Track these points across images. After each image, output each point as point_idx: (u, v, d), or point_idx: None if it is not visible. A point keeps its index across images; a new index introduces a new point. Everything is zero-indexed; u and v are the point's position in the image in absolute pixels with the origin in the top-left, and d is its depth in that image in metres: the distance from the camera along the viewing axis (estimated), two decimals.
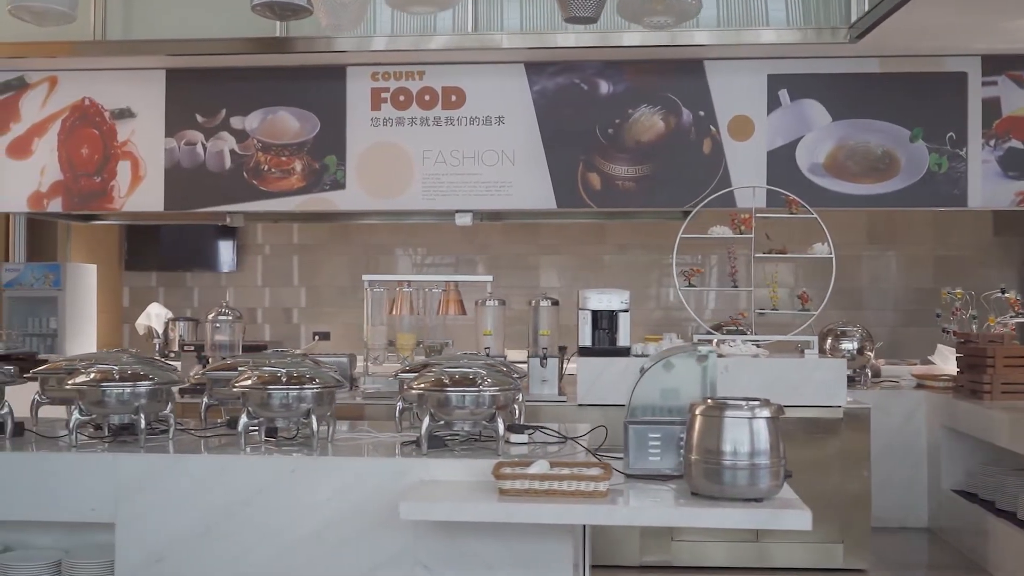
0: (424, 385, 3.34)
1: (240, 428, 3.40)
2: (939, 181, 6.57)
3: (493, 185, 6.75)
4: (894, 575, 5.49)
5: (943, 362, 6.90)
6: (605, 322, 5.48)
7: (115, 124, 6.94)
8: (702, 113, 6.66)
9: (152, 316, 8.12)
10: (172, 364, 4.77)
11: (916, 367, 7.05)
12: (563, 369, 5.65)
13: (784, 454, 2.84)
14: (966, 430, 5.82)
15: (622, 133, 6.71)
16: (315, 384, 3.40)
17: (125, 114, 6.93)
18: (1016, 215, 7.35)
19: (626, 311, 5.48)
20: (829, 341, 6.80)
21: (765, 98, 6.63)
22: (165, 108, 6.91)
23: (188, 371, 5.23)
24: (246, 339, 5.53)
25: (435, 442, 3.34)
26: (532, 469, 2.96)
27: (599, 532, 5.07)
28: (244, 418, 3.40)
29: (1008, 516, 5.37)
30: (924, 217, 8.43)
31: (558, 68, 6.72)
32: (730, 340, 5.63)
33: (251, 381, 3.39)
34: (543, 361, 5.45)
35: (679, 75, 6.66)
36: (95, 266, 8.23)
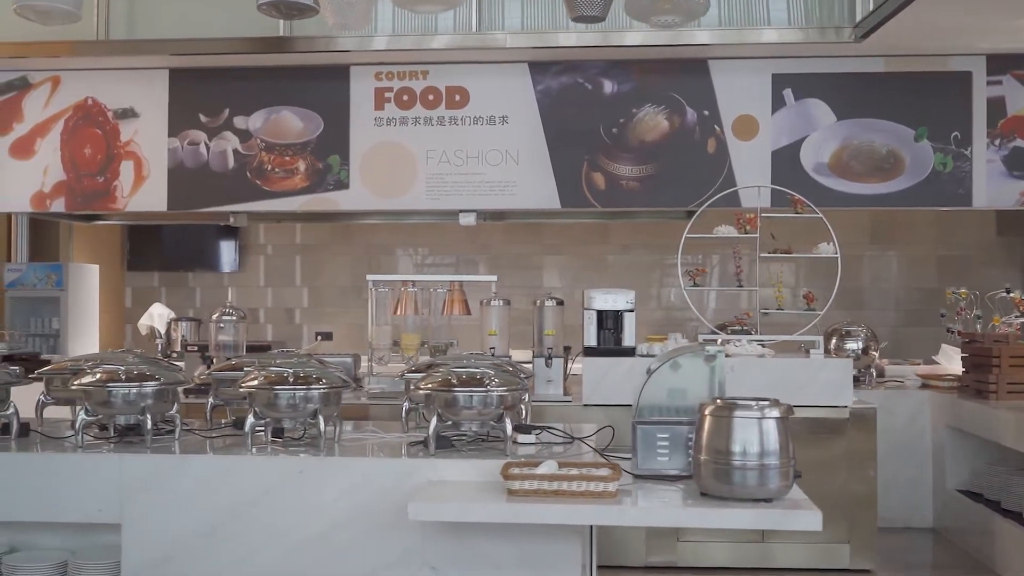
0: (432, 385, 3.33)
1: (247, 428, 3.39)
2: (944, 181, 6.56)
3: (497, 185, 6.73)
4: None
5: (948, 362, 6.89)
6: (610, 322, 5.47)
7: (118, 124, 6.93)
8: (706, 112, 6.65)
9: (155, 316, 8.11)
10: (176, 364, 4.76)
11: (921, 367, 7.04)
12: (568, 369, 5.64)
13: (794, 454, 2.84)
14: (971, 430, 5.81)
15: (626, 132, 6.69)
16: (322, 384, 3.40)
17: (128, 114, 6.92)
18: (1019, 215, 7.34)
19: (632, 311, 5.48)
20: (834, 341, 6.79)
21: (769, 97, 6.62)
22: (168, 108, 6.89)
23: (191, 371, 5.21)
24: (248, 339, 5.52)
25: (442, 442, 3.33)
26: (540, 470, 2.96)
27: (604, 533, 5.06)
28: (251, 418, 3.40)
29: (1014, 516, 5.37)
30: (927, 217, 8.42)
31: (562, 67, 6.71)
32: (735, 340, 5.62)
33: (258, 381, 3.39)
34: (548, 361, 5.44)
35: (683, 74, 6.65)
36: (97, 266, 8.23)
